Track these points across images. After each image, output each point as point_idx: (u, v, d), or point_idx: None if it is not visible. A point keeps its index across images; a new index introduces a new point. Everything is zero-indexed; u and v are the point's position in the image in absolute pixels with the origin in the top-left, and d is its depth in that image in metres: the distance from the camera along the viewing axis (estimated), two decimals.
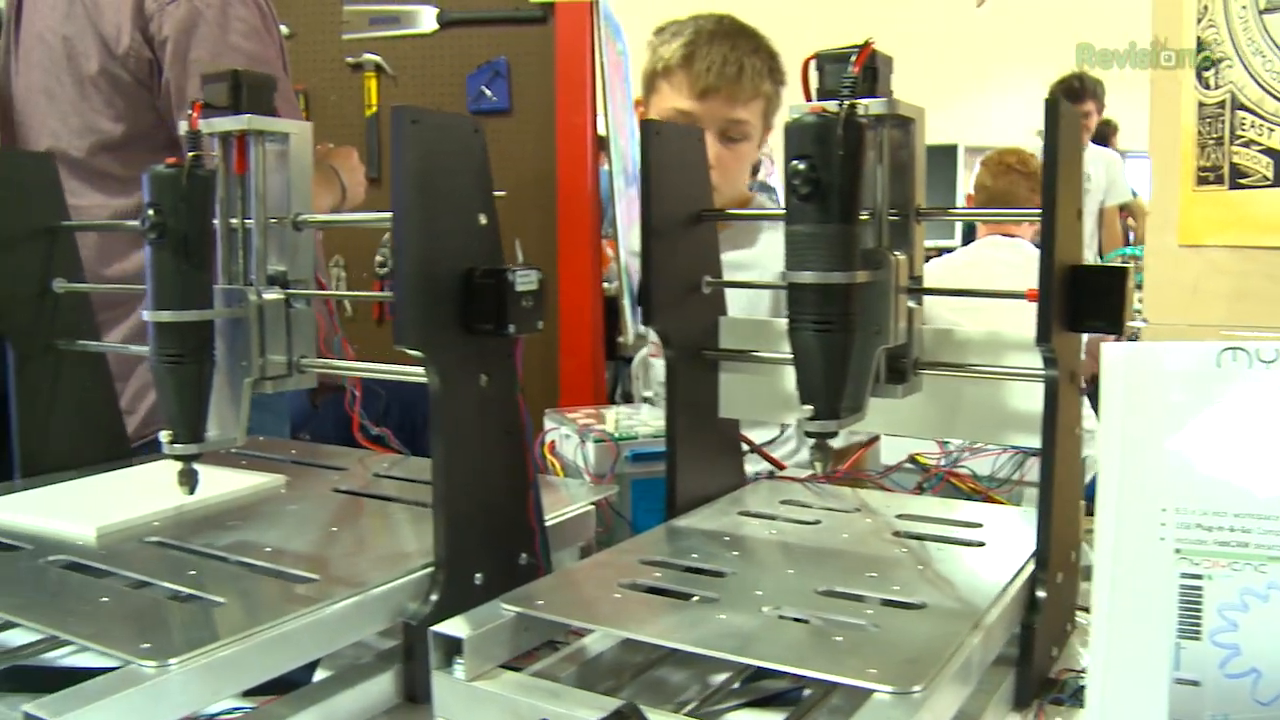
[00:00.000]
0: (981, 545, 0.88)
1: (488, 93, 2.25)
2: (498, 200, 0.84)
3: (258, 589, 0.79)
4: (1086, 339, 0.87)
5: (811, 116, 0.76)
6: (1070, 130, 0.79)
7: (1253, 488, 0.66)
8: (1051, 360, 0.79)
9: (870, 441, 1.15)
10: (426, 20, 2.29)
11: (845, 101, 0.77)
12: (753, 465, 1.13)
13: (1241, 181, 0.97)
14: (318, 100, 2.35)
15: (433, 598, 0.80)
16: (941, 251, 3.49)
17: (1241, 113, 0.94)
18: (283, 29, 1.56)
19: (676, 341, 0.93)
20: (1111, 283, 0.80)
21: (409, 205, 0.77)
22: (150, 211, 0.84)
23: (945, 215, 0.94)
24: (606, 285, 2.42)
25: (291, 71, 1.62)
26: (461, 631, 0.70)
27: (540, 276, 0.83)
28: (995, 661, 0.77)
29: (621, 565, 0.82)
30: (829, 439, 0.81)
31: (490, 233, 0.84)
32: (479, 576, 0.83)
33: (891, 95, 0.84)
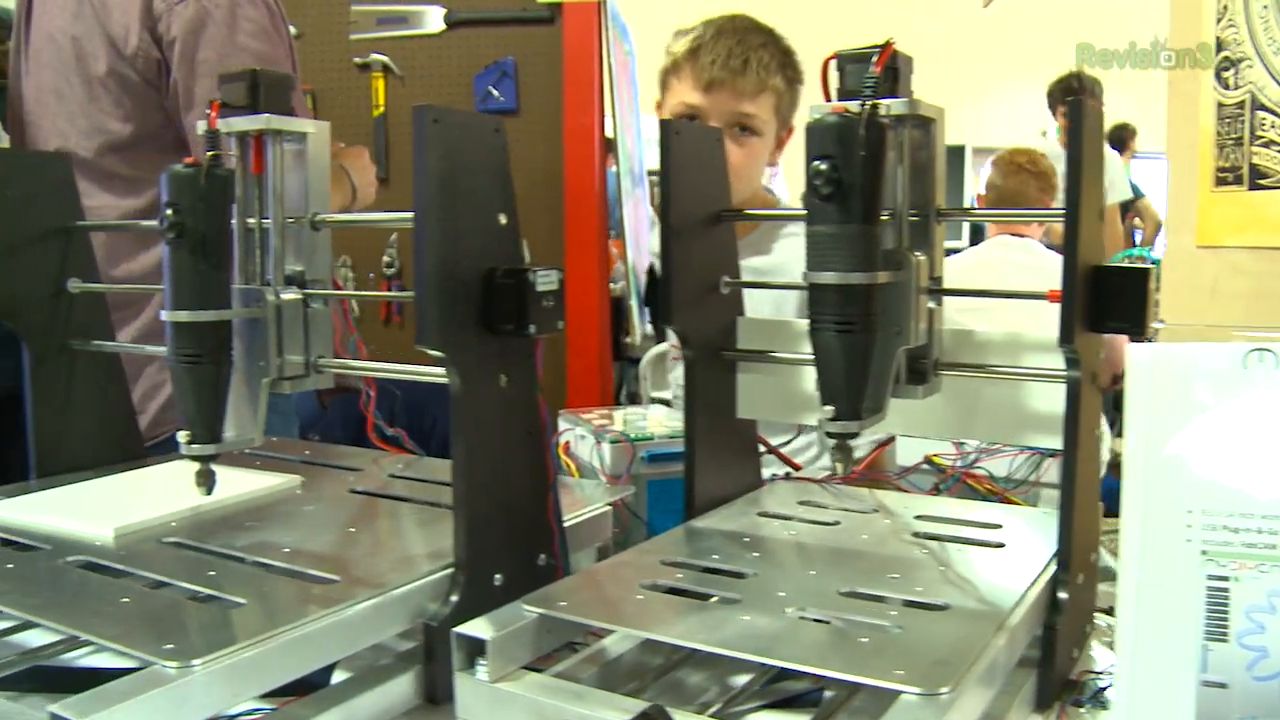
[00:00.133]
0: (1001, 546, 0.88)
1: (495, 93, 2.24)
2: None
3: (278, 590, 0.79)
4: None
5: (833, 116, 0.76)
6: (1092, 130, 0.79)
7: None
8: (1074, 361, 0.79)
9: (886, 442, 1.15)
10: (434, 20, 2.29)
11: (867, 102, 0.77)
12: (767, 468, 1.13)
13: (1261, 182, 0.97)
14: (325, 101, 2.34)
15: (453, 599, 0.80)
16: (949, 252, 3.48)
17: (1261, 113, 0.94)
18: (290, 29, 1.56)
19: (695, 341, 0.93)
20: (1134, 283, 0.80)
21: (430, 205, 0.77)
22: (169, 211, 0.83)
23: (966, 216, 0.94)
24: (612, 286, 2.41)
25: (300, 72, 1.61)
26: (485, 633, 0.70)
27: (561, 276, 0.83)
28: (1016, 663, 0.77)
29: (642, 566, 0.82)
30: (850, 439, 0.81)
31: (510, 233, 0.83)
32: (498, 577, 0.83)
33: (912, 95, 0.84)
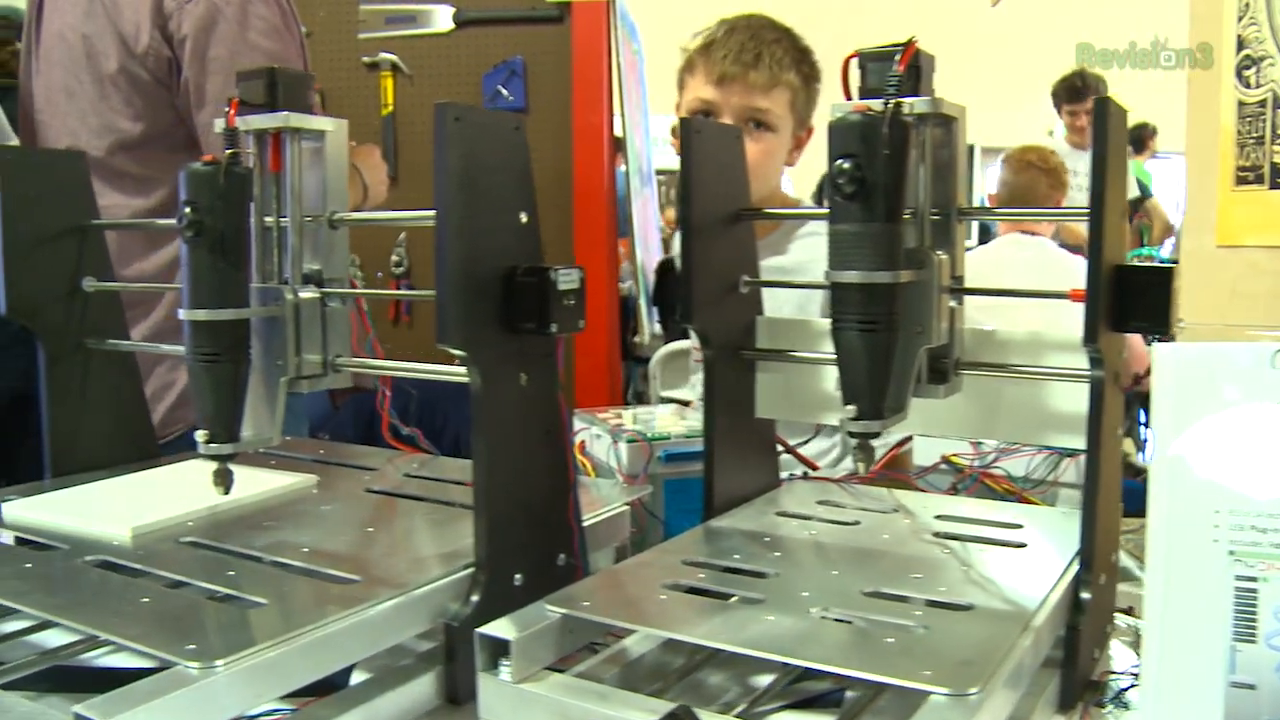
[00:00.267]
0: (1023, 546, 0.87)
1: (504, 92, 2.24)
2: None
3: (298, 590, 0.79)
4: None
5: (856, 115, 0.76)
6: (1116, 128, 0.78)
7: None
8: (1097, 361, 0.79)
9: (903, 442, 1.14)
10: (443, 19, 2.29)
11: (890, 100, 0.76)
12: (783, 469, 1.12)
13: None
14: (334, 100, 2.34)
15: (473, 599, 0.80)
16: None
17: None
18: (302, 28, 1.55)
19: (715, 341, 0.93)
20: (1158, 283, 0.79)
21: (451, 203, 0.77)
22: (187, 209, 0.83)
23: (988, 215, 0.93)
24: (620, 285, 2.41)
25: (310, 70, 1.61)
26: (508, 633, 0.70)
27: (582, 275, 0.82)
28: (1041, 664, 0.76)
29: (664, 566, 0.82)
30: (872, 439, 0.80)
31: (531, 231, 0.83)
32: (519, 577, 0.83)
33: (934, 94, 0.83)
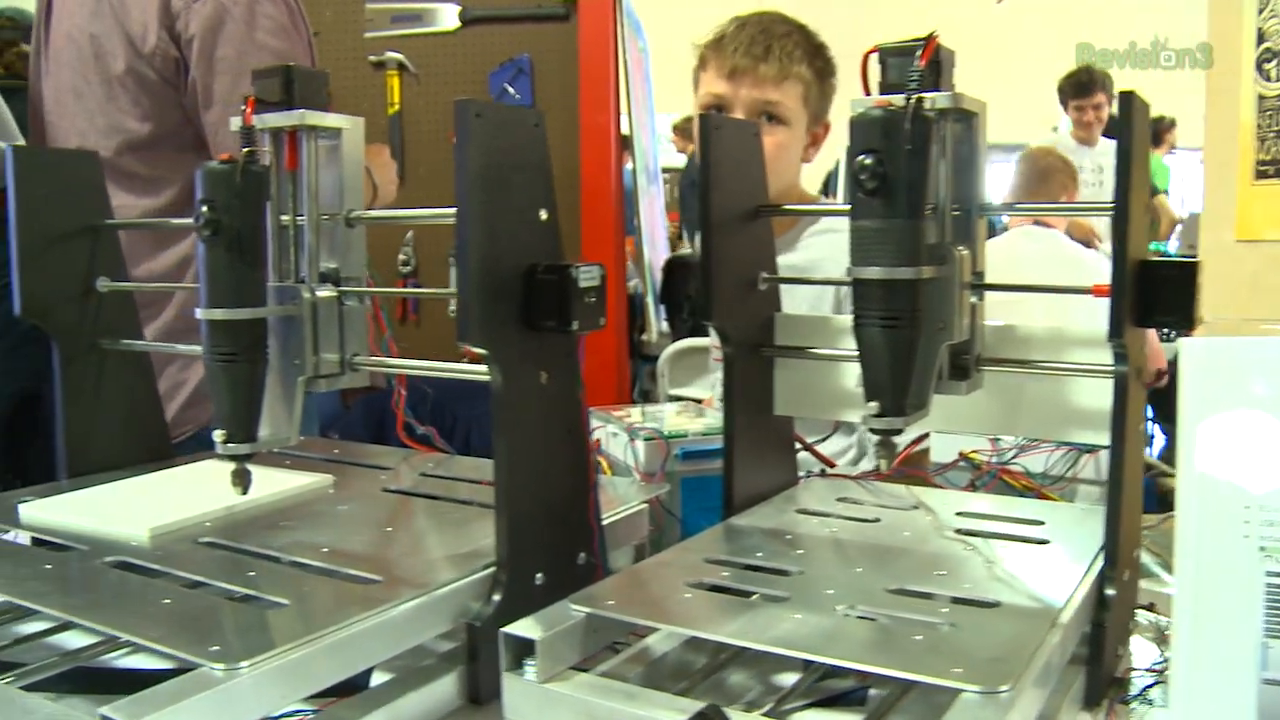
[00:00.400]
0: (1046, 543, 0.87)
1: (511, 90, 2.23)
2: None
3: (320, 590, 0.78)
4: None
5: (877, 110, 0.75)
6: (1141, 123, 0.78)
7: None
8: (1122, 355, 0.78)
9: (920, 439, 1.14)
10: (448, 18, 2.28)
11: (912, 95, 0.76)
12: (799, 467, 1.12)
13: None
14: (340, 99, 2.32)
15: (495, 598, 0.79)
16: None
17: None
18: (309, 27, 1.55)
19: (735, 338, 0.92)
20: (1183, 278, 0.79)
21: (473, 200, 0.76)
22: (204, 208, 0.83)
23: (1010, 210, 0.93)
24: (626, 283, 2.40)
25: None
26: (533, 633, 0.69)
27: (603, 272, 0.82)
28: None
29: (686, 564, 0.81)
30: (894, 436, 0.80)
31: (551, 228, 0.82)
32: (539, 577, 0.82)
33: (954, 89, 0.83)
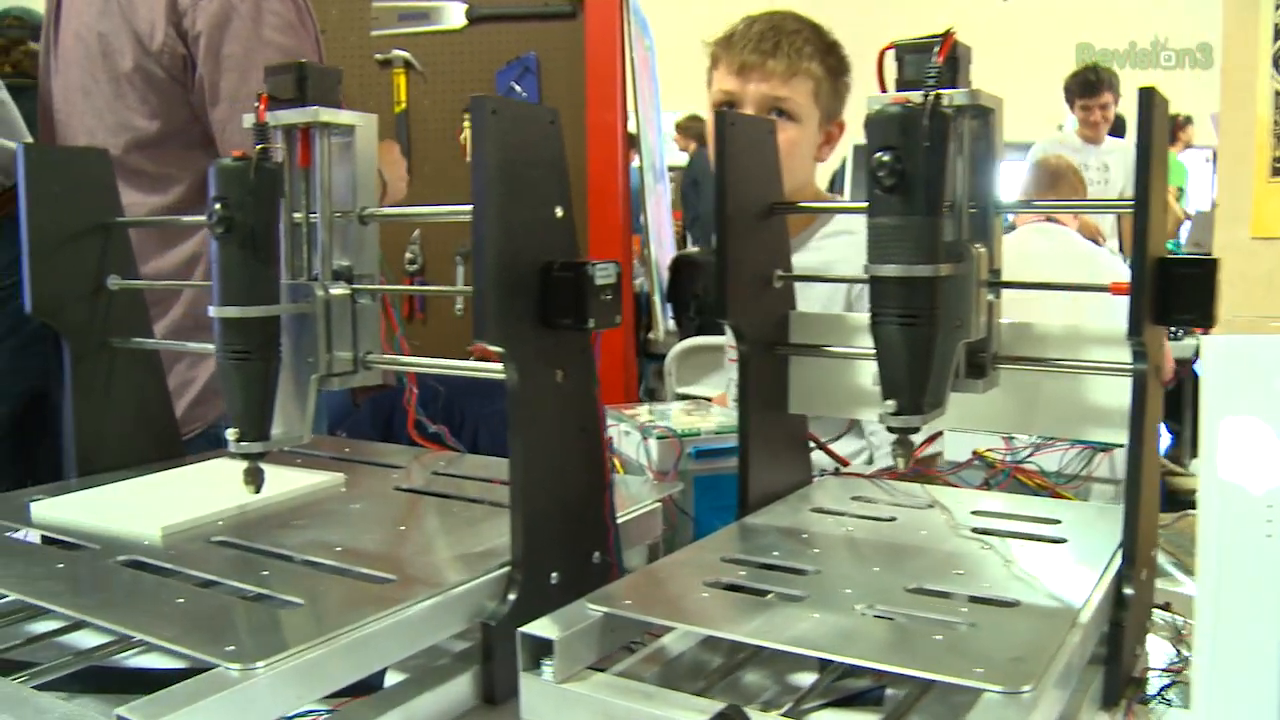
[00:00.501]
0: (1063, 542, 0.87)
1: (517, 89, 2.23)
2: None
3: (334, 590, 0.78)
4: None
5: (895, 107, 0.75)
6: (1161, 120, 0.77)
7: None
8: (1141, 354, 0.78)
9: (934, 437, 1.13)
10: (455, 16, 2.27)
11: (930, 92, 0.75)
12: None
13: None
14: (347, 97, 2.32)
15: (510, 597, 0.79)
16: None
17: None
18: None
19: (750, 336, 0.92)
20: (1202, 276, 0.78)
21: (489, 197, 0.76)
22: (217, 205, 0.82)
23: (1028, 209, 0.92)
24: (633, 282, 2.40)
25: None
26: (551, 633, 0.69)
27: (619, 270, 0.81)
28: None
29: (702, 564, 0.81)
30: (912, 434, 0.79)
31: (567, 225, 0.82)
32: (555, 576, 0.82)
33: (971, 85, 0.82)
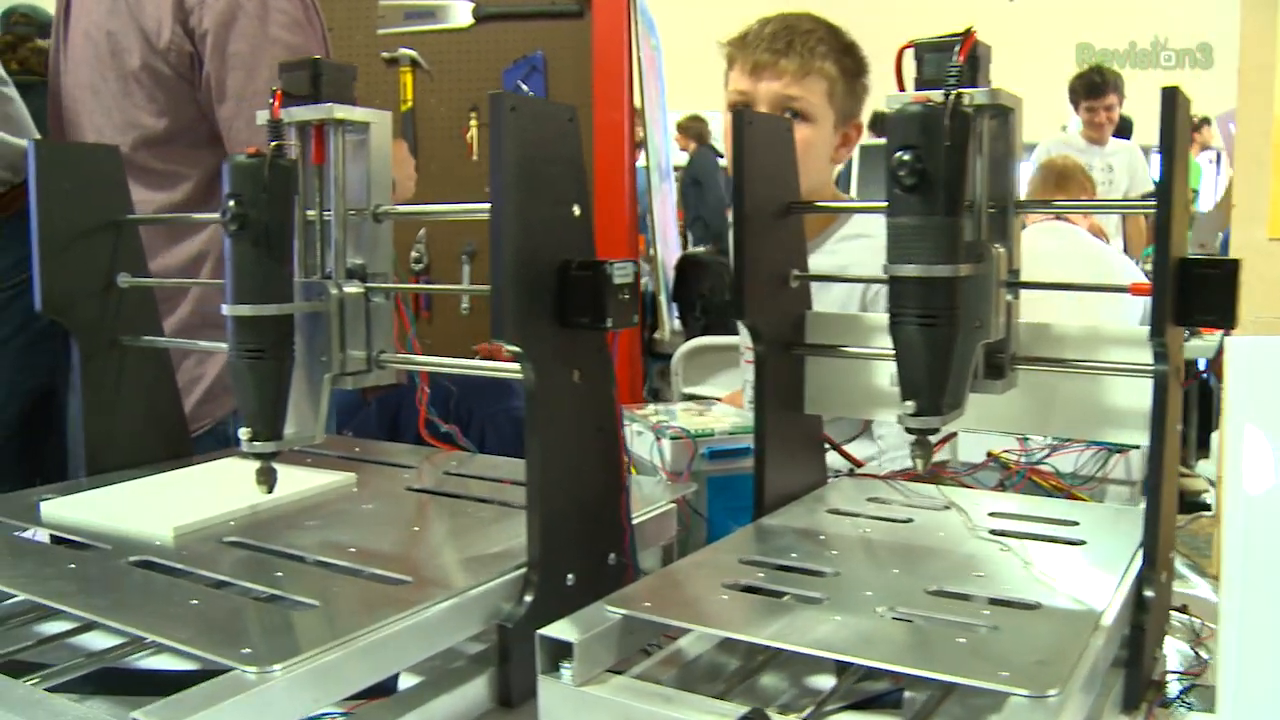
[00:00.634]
0: (1082, 544, 0.86)
1: (524, 88, 2.22)
2: None
3: (350, 592, 0.77)
4: None
5: (916, 106, 0.74)
6: (1183, 120, 0.77)
7: None
8: (1163, 355, 0.77)
9: (947, 437, 1.13)
10: (462, 15, 2.27)
11: (951, 91, 0.75)
12: None
13: None
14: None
15: (527, 599, 0.78)
16: None
17: None
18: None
19: (767, 336, 0.91)
20: (1223, 276, 0.78)
21: (508, 194, 0.75)
22: (231, 202, 0.82)
23: (1047, 208, 0.92)
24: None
25: None
26: (570, 635, 0.68)
27: (636, 269, 0.81)
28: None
29: (720, 565, 0.80)
30: (931, 435, 0.79)
31: (584, 224, 0.81)
32: (571, 577, 0.81)
33: (990, 84, 0.82)
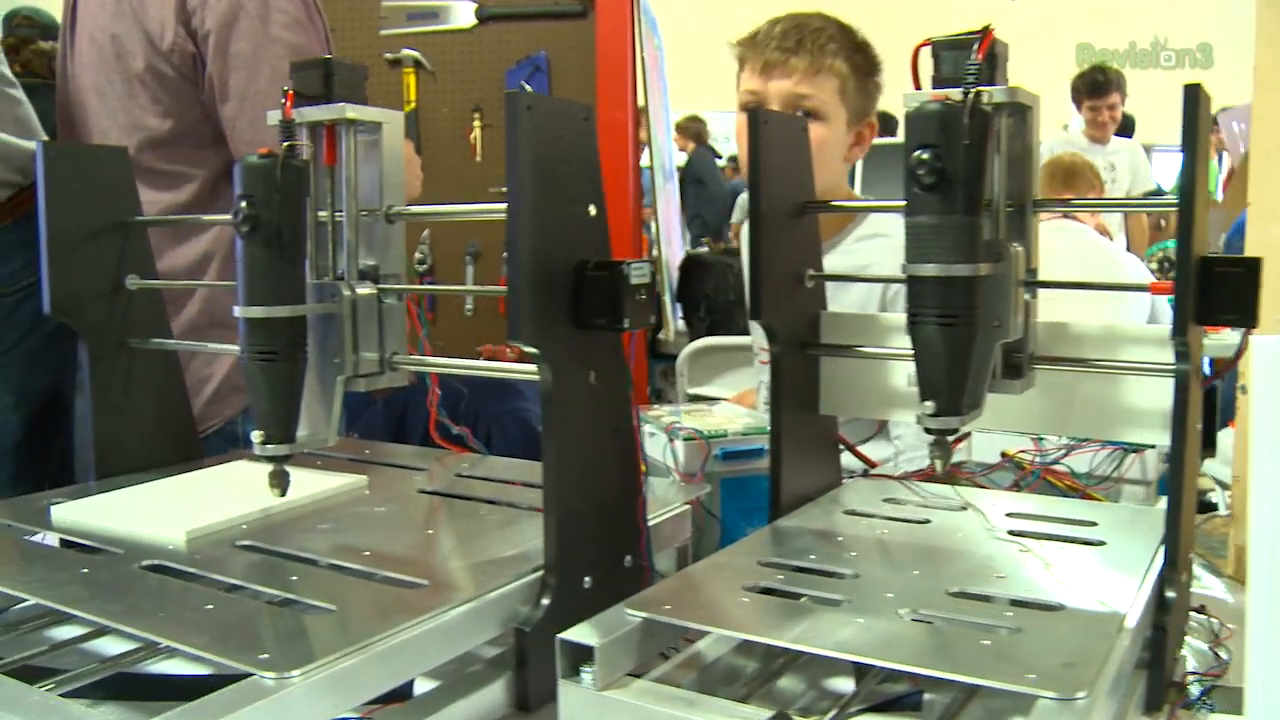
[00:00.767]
0: (1102, 544, 0.85)
1: (528, 88, 2.22)
2: None
3: (366, 596, 0.76)
4: None
5: (935, 104, 0.74)
6: (1206, 118, 0.76)
7: None
8: (1184, 354, 0.77)
9: (962, 437, 1.12)
10: (465, 15, 2.26)
11: (970, 89, 0.74)
12: None
13: None
14: None
15: (544, 602, 0.78)
16: None
17: None
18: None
19: (782, 336, 0.90)
20: (1245, 275, 0.77)
21: (525, 194, 0.74)
22: (243, 203, 0.81)
23: (1067, 207, 0.91)
24: None
25: None
26: (591, 639, 0.67)
27: (652, 269, 0.80)
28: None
29: (739, 567, 0.80)
30: (950, 435, 0.78)
31: (600, 224, 0.81)
32: (588, 580, 0.81)
33: (1008, 83, 0.81)
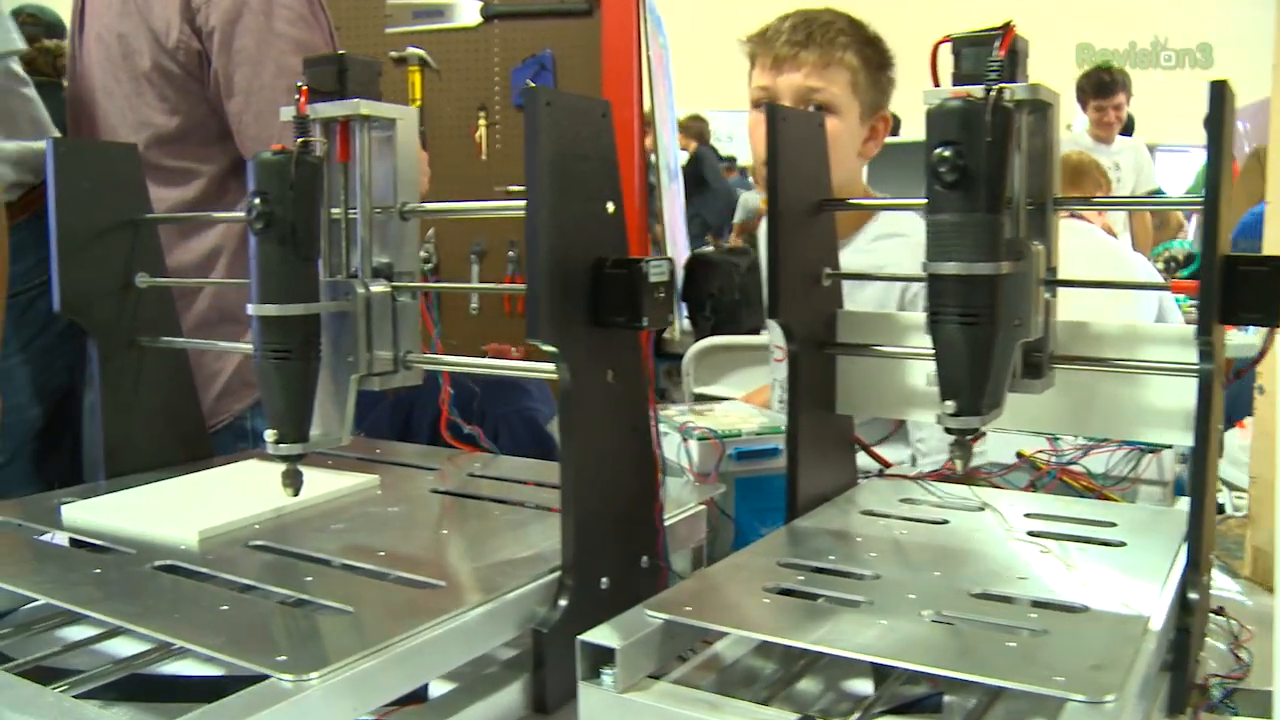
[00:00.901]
0: (1123, 545, 0.85)
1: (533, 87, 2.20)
2: None
3: (383, 597, 0.76)
4: None
5: (956, 101, 0.73)
6: (1230, 116, 0.76)
7: None
8: (1208, 353, 0.76)
9: (978, 437, 1.11)
10: (470, 13, 2.25)
11: (993, 86, 0.74)
12: None
13: None
14: None
15: (561, 603, 0.77)
16: None
17: None
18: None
19: (799, 335, 0.90)
20: (1269, 274, 0.77)
21: (543, 192, 0.74)
22: (256, 200, 0.80)
23: (1087, 206, 0.91)
24: None
25: None
26: (613, 641, 0.67)
27: (671, 267, 0.79)
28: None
29: (758, 568, 0.79)
30: (970, 435, 0.78)
31: (618, 221, 0.80)
32: (604, 581, 0.80)
33: (1029, 80, 0.81)
